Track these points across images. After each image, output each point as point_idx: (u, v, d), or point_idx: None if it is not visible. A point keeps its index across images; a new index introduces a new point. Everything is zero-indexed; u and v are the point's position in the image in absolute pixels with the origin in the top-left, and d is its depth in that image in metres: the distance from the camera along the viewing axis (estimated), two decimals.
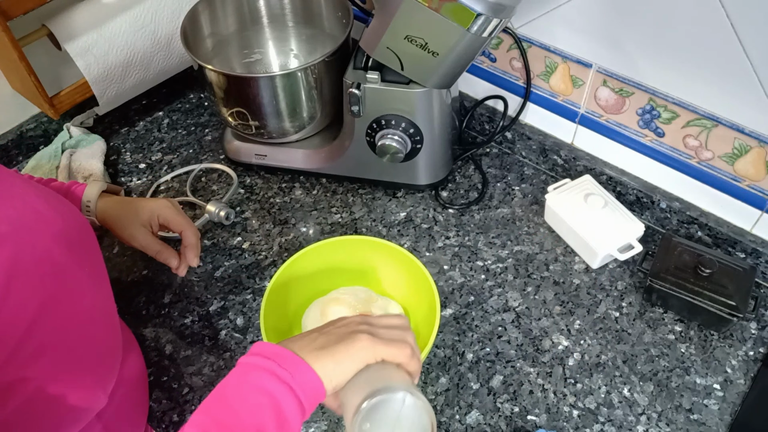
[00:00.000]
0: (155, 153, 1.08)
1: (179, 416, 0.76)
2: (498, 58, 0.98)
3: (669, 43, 0.78)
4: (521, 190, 0.99)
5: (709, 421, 0.74)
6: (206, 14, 0.99)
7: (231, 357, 0.81)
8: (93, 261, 0.64)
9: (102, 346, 0.63)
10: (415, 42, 0.77)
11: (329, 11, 1.02)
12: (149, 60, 1.01)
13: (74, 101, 0.99)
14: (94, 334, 0.61)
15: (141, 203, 0.80)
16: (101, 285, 0.64)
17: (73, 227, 0.61)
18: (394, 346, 0.54)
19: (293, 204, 0.99)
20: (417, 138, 0.89)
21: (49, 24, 0.91)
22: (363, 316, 0.59)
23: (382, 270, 0.83)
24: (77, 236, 0.62)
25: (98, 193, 0.80)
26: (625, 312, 0.84)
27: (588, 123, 0.94)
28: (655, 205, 0.92)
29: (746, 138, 0.79)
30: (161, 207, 0.79)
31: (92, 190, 0.80)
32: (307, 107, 0.94)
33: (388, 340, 0.54)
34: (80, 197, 0.80)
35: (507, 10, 0.73)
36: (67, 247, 0.58)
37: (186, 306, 0.87)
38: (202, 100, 1.17)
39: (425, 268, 0.78)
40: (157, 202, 0.80)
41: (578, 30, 0.85)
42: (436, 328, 0.72)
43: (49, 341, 0.54)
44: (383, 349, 0.53)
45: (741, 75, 0.74)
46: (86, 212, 0.79)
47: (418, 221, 0.96)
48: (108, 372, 0.64)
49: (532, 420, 0.75)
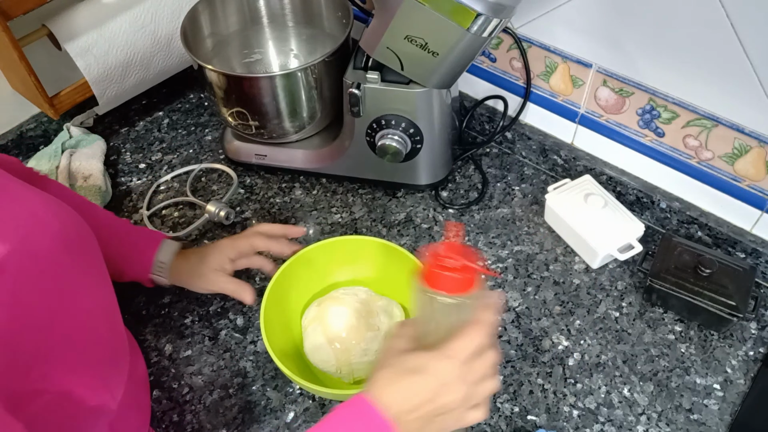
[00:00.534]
0: (155, 153, 1.08)
1: (179, 416, 0.76)
2: (498, 58, 0.98)
3: (669, 43, 0.78)
4: (521, 190, 0.99)
5: (709, 421, 0.74)
6: (206, 14, 0.99)
7: (231, 357, 0.81)
8: (93, 263, 0.64)
9: (108, 348, 0.63)
10: (415, 42, 0.77)
11: (329, 11, 1.02)
12: (149, 60, 1.01)
13: (74, 101, 0.99)
14: (101, 336, 0.62)
15: (205, 250, 0.80)
16: (103, 287, 0.64)
17: (71, 230, 0.61)
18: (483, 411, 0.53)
19: (293, 204, 0.99)
20: (417, 138, 0.89)
21: (49, 24, 0.91)
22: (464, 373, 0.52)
23: (383, 270, 0.83)
24: (76, 239, 0.62)
25: (174, 254, 0.80)
26: (625, 312, 0.84)
27: (588, 123, 0.94)
28: (655, 205, 0.92)
29: (746, 138, 0.79)
30: (224, 247, 0.79)
31: (168, 251, 0.80)
32: (307, 107, 0.94)
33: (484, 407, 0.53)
34: (150, 255, 0.79)
35: (507, 10, 0.73)
36: (67, 250, 0.58)
37: (186, 306, 0.87)
38: (202, 100, 1.17)
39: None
40: (216, 245, 0.80)
41: (578, 30, 0.85)
42: None
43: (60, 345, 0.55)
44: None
45: (741, 75, 0.74)
46: (158, 272, 0.79)
47: (418, 221, 0.96)
48: (115, 373, 0.64)
49: (532, 420, 0.75)
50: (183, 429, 0.75)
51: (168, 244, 0.81)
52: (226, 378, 0.79)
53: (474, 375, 0.52)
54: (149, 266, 0.79)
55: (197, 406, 0.77)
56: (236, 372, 0.80)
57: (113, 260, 0.76)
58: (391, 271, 0.82)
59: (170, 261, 0.80)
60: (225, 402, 0.77)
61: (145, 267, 0.79)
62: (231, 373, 0.80)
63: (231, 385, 0.79)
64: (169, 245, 0.81)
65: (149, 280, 0.80)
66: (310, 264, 0.82)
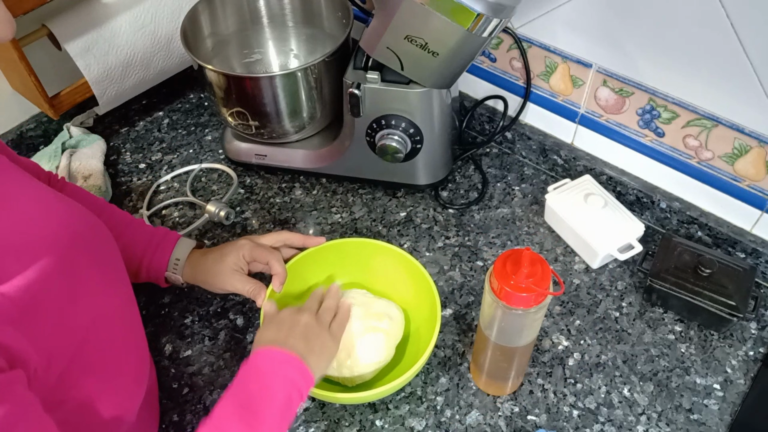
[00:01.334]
0: (155, 153, 1.08)
1: (179, 416, 0.76)
2: (498, 58, 0.98)
3: (669, 43, 0.78)
4: (521, 190, 0.99)
5: (709, 421, 0.74)
6: (206, 14, 0.99)
7: (231, 357, 0.81)
8: (115, 267, 0.64)
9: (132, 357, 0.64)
10: (415, 42, 0.77)
11: (329, 11, 1.02)
12: (149, 60, 1.01)
13: (74, 101, 0.99)
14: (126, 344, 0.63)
15: (223, 250, 0.79)
16: (120, 287, 0.64)
17: (92, 233, 0.62)
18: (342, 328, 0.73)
19: (293, 204, 0.99)
20: (417, 138, 0.89)
21: (49, 24, 0.91)
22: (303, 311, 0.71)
23: (383, 272, 0.83)
24: (98, 243, 0.62)
25: (189, 252, 0.80)
26: (625, 312, 0.84)
27: (588, 123, 0.94)
28: (655, 205, 0.92)
29: (746, 138, 0.79)
30: (242, 246, 0.79)
31: (184, 248, 0.80)
32: (307, 107, 0.94)
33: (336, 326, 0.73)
34: (167, 253, 0.79)
35: (507, 10, 0.73)
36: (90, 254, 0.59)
37: (186, 306, 0.87)
38: (202, 100, 1.17)
39: (425, 269, 0.78)
40: (235, 244, 0.79)
41: (578, 30, 0.85)
42: (437, 330, 0.72)
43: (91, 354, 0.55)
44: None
45: (741, 75, 0.74)
46: (173, 270, 0.79)
47: (418, 221, 0.96)
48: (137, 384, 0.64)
49: (532, 420, 0.75)
50: (183, 429, 0.75)
51: (184, 242, 0.81)
52: (226, 378, 0.79)
53: (313, 310, 0.71)
54: (165, 264, 0.79)
55: (197, 406, 0.77)
56: (236, 372, 0.80)
57: (130, 260, 0.76)
58: (391, 273, 0.82)
59: (185, 258, 0.79)
60: None
61: (161, 265, 0.79)
62: (231, 373, 0.80)
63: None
64: (185, 243, 0.81)
65: (164, 279, 0.80)
66: (310, 266, 0.82)
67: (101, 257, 0.62)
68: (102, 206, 0.81)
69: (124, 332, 0.62)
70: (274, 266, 0.78)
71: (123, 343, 0.62)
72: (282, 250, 0.82)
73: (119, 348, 0.61)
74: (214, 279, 0.78)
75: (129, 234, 0.79)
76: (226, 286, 0.78)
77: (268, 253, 0.78)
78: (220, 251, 0.79)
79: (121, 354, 0.62)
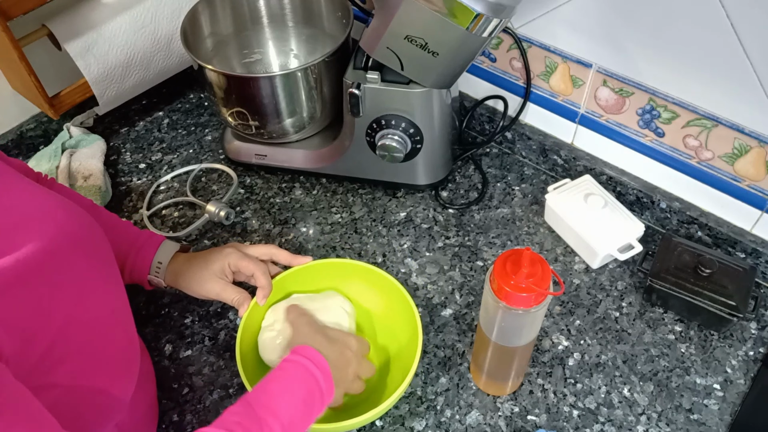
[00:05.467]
0: (155, 153, 1.08)
1: (179, 416, 0.76)
2: (498, 58, 0.98)
3: (669, 43, 0.78)
4: (521, 190, 0.99)
5: (709, 421, 0.74)
6: (206, 14, 0.99)
7: (231, 357, 0.81)
8: (107, 263, 0.64)
9: (121, 348, 0.63)
10: (415, 42, 0.77)
11: (329, 11, 1.02)
12: (149, 60, 1.01)
13: (74, 101, 0.99)
14: (115, 336, 0.62)
15: (208, 256, 0.79)
16: (116, 286, 0.64)
17: (85, 230, 0.62)
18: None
19: (293, 204, 0.99)
20: (417, 138, 0.89)
21: (49, 24, 0.91)
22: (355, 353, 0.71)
23: (366, 292, 0.82)
24: (91, 239, 0.62)
25: (171, 255, 0.79)
26: (625, 312, 0.84)
27: (588, 123, 0.94)
28: (655, 205, 0.92)
29: (746, 138, 0.79)
30: (228, 255, 0.78)
31: (166, 252, 0.79)
32: (307, 107, 0.94)
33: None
34: (150, 256, 0.79)
35: (507, 10, 0.73)
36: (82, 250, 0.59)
37: (186, 306, 0.87)
38: (202, 100, 1.17)
39: (409, 296, 0.77)
40: (222, 251, 0.79)
41: (578, 30, 0.85)
42: (419, 352, 0.72)
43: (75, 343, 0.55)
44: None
45: (741, 75, 0.74)
46: (155, 273, 0.79)
47: (418, 221, 0.96)
48: (127, 373, 0.64)
49: (532, 420, 0.75)
50: (183, 429, 0.75)
51: (167, 246, 0.80)
52: (226, 378, 0.79)
53: (360, 356, 0.72)
54: (147, 267, 0.78)
55: (197, 406, 0.77)
56: (236, 372, 0.80)
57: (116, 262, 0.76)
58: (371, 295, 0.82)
59: (167, 262, 0.79)
60: (225, 402, 0.77)
61: (143, 268, 0.78)
62: (231, 373, 0.80)
63: (231, 385, 0.79)
64: (168, 246, 0.80)
65: (147, 281, 0.80)
66: (295, 284, 0.82)
67: (88, 245, 0.61)
68: (89, 207, 0.80)
69: (109, 313, 0.61)
70: (259, 279, 0.77)
71: (108, 324, 0.61)
72: (273, 269, 0.81)
73: (105, 330, 0.60)
74: (197, 285, 0.78)
75: (114, 236, 0.77)
76: (209, 294, 0.77)
77: (254, 264, 0.78)
78: (204, 258, 0.78)
79: (108, 335, 0.60)
